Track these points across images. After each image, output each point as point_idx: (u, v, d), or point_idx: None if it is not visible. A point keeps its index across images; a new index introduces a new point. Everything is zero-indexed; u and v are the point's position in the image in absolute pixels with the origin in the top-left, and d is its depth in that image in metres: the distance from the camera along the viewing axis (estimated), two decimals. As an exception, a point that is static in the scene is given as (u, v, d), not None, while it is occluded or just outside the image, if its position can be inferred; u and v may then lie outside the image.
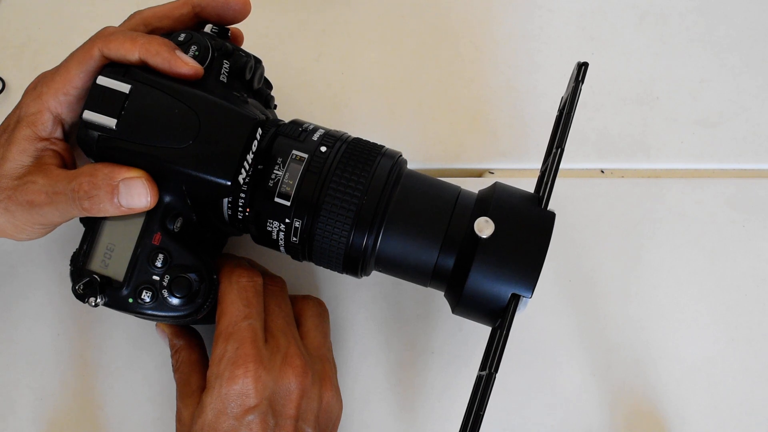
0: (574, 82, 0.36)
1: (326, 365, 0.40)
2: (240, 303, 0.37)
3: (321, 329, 0.42)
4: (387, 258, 0.38)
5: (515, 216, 0.36)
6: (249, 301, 0.38)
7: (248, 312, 0.37)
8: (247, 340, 0.36)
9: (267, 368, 0.36)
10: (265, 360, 0.36)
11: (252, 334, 0.37)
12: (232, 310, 0.37)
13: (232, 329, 0.37)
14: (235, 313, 0.37)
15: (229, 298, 0.38)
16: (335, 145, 0.38)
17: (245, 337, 0.36)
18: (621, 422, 0.44)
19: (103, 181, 0.34)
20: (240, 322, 0.37)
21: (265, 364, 0.36)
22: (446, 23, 0.55)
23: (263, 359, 0.36)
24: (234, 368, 0.35)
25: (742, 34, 0.55)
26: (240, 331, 0.37)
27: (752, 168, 0.52)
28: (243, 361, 0.36)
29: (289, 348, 0.38)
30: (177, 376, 0.40)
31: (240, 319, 0.37)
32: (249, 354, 0.36)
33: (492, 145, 0.52)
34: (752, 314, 0.47)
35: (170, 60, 0.35)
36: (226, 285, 0.38)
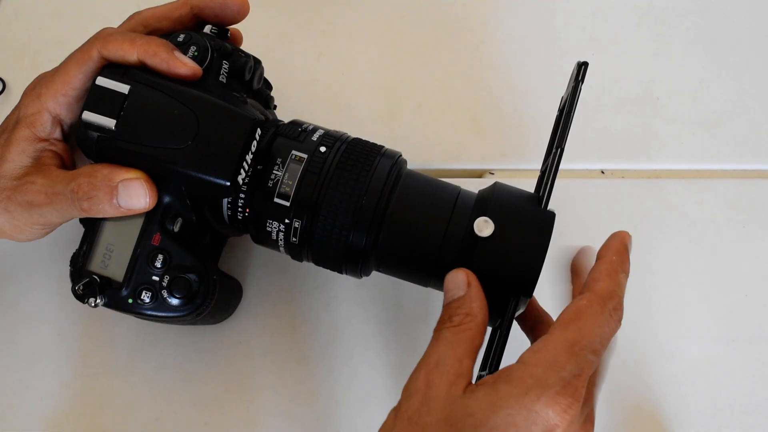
0: (574, 82, 0.36)
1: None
2: (602, 335, 0.31)
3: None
4: (387, 258, 0.38)
5: (515, 216, 0.35)
6: (605, 341, 0.32)
7: (600, 350, 0.31)
8: (584, 377, 0.30)
9: (578, 418, 0.31)
10: (578, 415, 0.31)
11: (589, 374, 0.31)
12: (592, 333, 0.31)
13: (579, 350, 0.30)
14: (592, 339, 0.31)
15: (598, 319, 0.31)
16: (335, 145, 0.38)
17: (585, 372, 0.30)
18: (621, 422, 0.44)
19: (102, 182, 0.34)
20: (589, 353, 0.31)
21: (579, 412, 0.31)
22: (446, 23, 0.55)
23: (579, 410, 0.30)
24: (561, 394, 0.29)
25: (742, 34, 0.55)
26: (586, 361, 0.30)
27: (752, 168, 0.52)
28: (573, 395, 0.30)
29: (592, 408, 0.33)
30: (449, 336, 0.33)
31: (592, 350, 0.31)
32: (578, 393, 0.30)
33: (492, 145, 0.51)
34: (752, 314, 0.47)
35: (168, 61, 0.35)
36: (599, 304, 0.32)
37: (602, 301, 0.32)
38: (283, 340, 0.46)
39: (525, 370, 0.30)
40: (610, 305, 0.32)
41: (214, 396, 0.44)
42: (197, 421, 0.44)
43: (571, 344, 0.31)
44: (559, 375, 0.30)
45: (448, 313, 0.34)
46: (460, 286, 0.35)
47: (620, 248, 0.35)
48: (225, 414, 0.44)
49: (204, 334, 0.46)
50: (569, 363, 0.30)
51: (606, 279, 0.33)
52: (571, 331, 0.31)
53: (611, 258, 0.34)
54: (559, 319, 0.32)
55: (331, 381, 0.44)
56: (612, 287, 0.33)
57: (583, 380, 0.30)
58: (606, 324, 0.32)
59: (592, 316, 0.32)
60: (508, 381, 0.30)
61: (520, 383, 0.30)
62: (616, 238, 0.36)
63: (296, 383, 0.45)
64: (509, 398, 0.30)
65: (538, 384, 0.30)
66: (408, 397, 0.32)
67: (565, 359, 0.30)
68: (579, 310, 0.32)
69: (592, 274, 0.34)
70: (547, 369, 0.30)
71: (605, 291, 0.32)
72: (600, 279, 0.33)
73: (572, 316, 0.32)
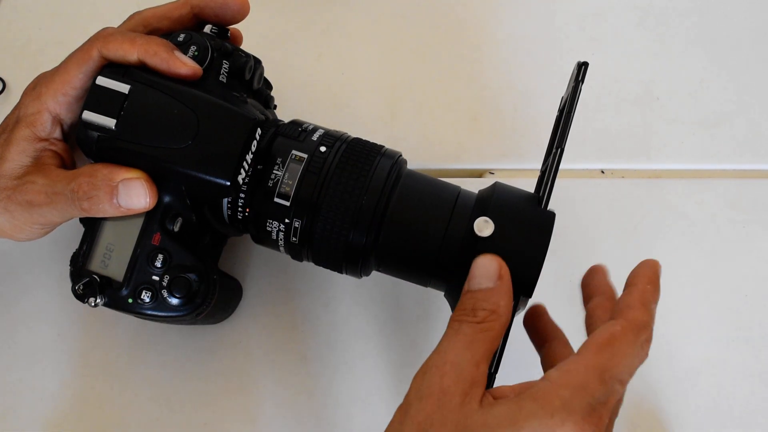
0: (575, 82, 0.36)
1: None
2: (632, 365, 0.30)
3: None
4: (387, 258, 0.38)
5: (515, 216, 0.35)
6: (632, 370, 0.31)
7: (627, 380, 0.30)
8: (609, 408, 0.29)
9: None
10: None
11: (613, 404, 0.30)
12: (624, 362, 0.30)
13: (608, 378, 0.29)
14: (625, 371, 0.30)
15: (629, 350, 0.30)
16: (335, 145, 0.38)
17: (611, 401, 0.29)
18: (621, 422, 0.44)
19: (102, 182, 0.34)
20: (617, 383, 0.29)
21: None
22: (446, 23, 0.55)
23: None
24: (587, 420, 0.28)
25: (742, 34, 0.55)
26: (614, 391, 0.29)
27: (752, 168, 0.52)
28: (598, 422, 0.28)
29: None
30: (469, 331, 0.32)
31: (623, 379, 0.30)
32: (603, 421, 0.29)
33: (492, 145, 0.51)
34: (753, 314, 0.47)
35: (169, 60, 0.35)
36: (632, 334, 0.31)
37: (636, 330, 0.31)
38: (283, 340, 0.46)
39: (552, 390, 0.29)
40: (643, 336, 0.31)
41: (214, 396, 0.44)
42: (197, 421, 0.44)
43: (602, 371, 0.29)
44: (587, 401, 0.28)
45: (471, 304, 0.32)
46: (490, 276, 0.33)
47: (653, 277, 0.34)
48: (225, 414, 0.44)
49: (204, 334, 0.46)
50: (598, 390, 0.29)
51: (641, 308, 0.32)
52: (603, 357, 0.30)
53: (645, 287, 0.33)
54: (591, 342, 0.31)
55: (330, 381, 0.44)
56: (647, 318, 0.32)
57: (608, 410, 0.29)
58: (637, 355, 0.30)
59: (626, 345, 0.30)
60: (534, 399, 0.29)
61: (547, 404, 0.28)
62: (648, 266, 0.34)
63: (296, 383, 0.45)
64: (533, 418, 0.28)
65: (565, 407, 0.28)
66: (419, 399, 0.30)
67: (595, 385, 0.29)
68: (613, 336, 0.30)
69: (626, 301, 0.32)
70: (575, 393, 0.29)
71: (640, 321, 0.31)
72: (634, 307, 0.32)
73: (605, 342, 0.30)
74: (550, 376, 0.30)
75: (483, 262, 0.33)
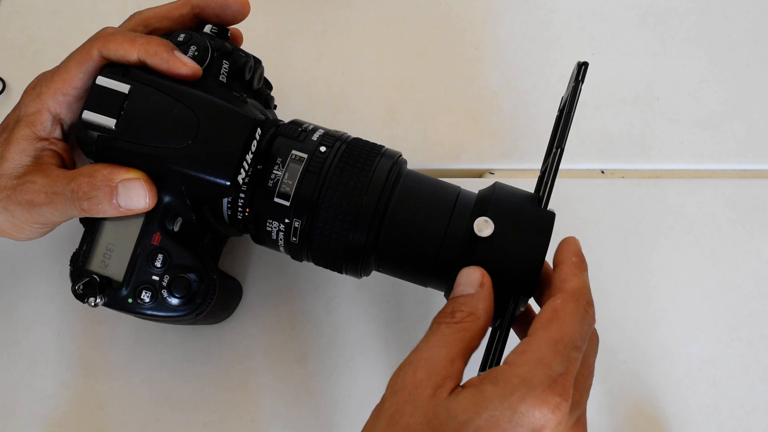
0: (575, 82, 0.36)
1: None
2: (581, 331, 0.31)
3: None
4: (387, 258, 0.38)
5: (515, 216, 0.35)
6: (584, 336, 0.32)
7: (581, 345, 0.31)
8: (570, 374, 0.30)
9: (567, 419, 0.30)
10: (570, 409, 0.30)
11: (574, 371, 0.30)
12: (572, 330, 0.31)
13: (563, 349, 0.30)
14: (573, 337, 0.31)
15: (573, 319, 0.32)
16: (335, 145, 0.38)
17: (570, 370, 0.30)
18: (621, 422, 0.44)
19: (102, 182, 0.34)
20: (572, 350, 0.31)
21: (569, 413, 0.30)
22: (446, 24, 0.55)
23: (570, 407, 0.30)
24: (549, 392, 0.29)
25: (742, 34, 0.55)
26: (570, 359, 0.30)
27: (752, 168, 0.52)
28: (561, 393, 0.29)
29: (583, 412, 0.33)
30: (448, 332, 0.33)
31: (574, 347, 0.31)
32: (566, 390, 0.29)
33: (492, 145, 0.51)
34: (752, 314, 0.47)
35: (169, 60, 0.35)
36: (572, 302, 0.32)
37: (575, 298, 0.32)
38: (283, 340, 0.46)
39: (510, 370, 0.30)
40: (583, 301, 0.33)
41: (214, 396, 0.44)
42: (197, 421, 0.44)
43: (555, 342, 0.30)
44: (546, 373, 0.29)
45: (451, 307, 0.34)
46: (472, 283, 0.34)
47: (576, 250, 0.36)
48: (225, 414, 0.44)
49: (204, 334, 0.46)
50: (555, 361, 0.30)
51: (573, 278, 0.34)
52: (552, 330, 0.31)
53: (572, 260, 0.35)
54: (538, 321, 0.32)
55: (330, 381, 0.44)
56: (581, 284, 0.33)
57: (570, 378, 0.30)
58: (583, 320, 0.32)
59: (569, 313, 0.32)
60: (494, 382, 0.30)
61: (506, 383, 0.29)
62: (569, 243, 0.36)
63: (296, 383, 0.45)
64: (493, 399, 0.29)
65: (524, 383, 0.29)
66: (393, 393, 0.32)
67: (550, 357, 0.30)
68: (555, 309, 0.32)
69: (558, 276, 0.34)
70: (532, 368, 0.30)
71: (576, 288, 0.33)
72: (567, 279, 0.34)
73: (550, 316, 0.32)
74: (508, 359, 0.31)
75: (466, 272, 0.34)
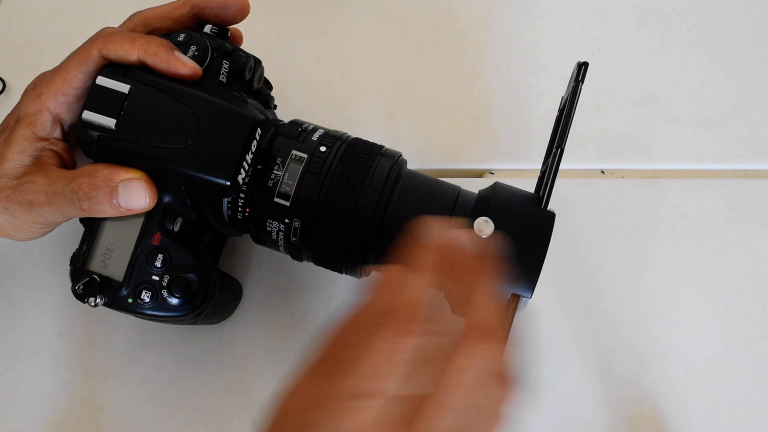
0: (575, 82, 0.36)
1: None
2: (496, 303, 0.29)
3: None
4: (387, 258, 0.38)
5: (515, 216, 0.35)
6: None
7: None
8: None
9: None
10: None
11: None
12: (488, 311, 0.29)
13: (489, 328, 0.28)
14: (489, 314, 0.29)
15: (489, 301, 0.29)
16: (335, 145, 0.38)
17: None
18: (621, 422, 0.44)
19: (102, 182, 0.34)
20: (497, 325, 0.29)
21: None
22: (446, 24, 0.55)
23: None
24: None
25: (742, 34, 0.55)
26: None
27: (752, 168, 0.52)
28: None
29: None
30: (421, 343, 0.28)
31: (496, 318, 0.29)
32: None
33: (492, 145, 0.51)
34: (752, 314, 0.47)
35: (169, 60, 0.35)
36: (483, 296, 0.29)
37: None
38: (283, 340, 0.46)
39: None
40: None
41: (214, 396, 0.44)
42: (197, 421, 0.44)
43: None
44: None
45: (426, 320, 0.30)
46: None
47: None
48: (225, 414, 0.44)
49: (204, 334, 0.46)
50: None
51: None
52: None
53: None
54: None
55: (331, 381, 0.44)
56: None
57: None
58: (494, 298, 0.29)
59: (481, 292, 0.29)
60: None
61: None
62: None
63: (296, 383, 0.45)
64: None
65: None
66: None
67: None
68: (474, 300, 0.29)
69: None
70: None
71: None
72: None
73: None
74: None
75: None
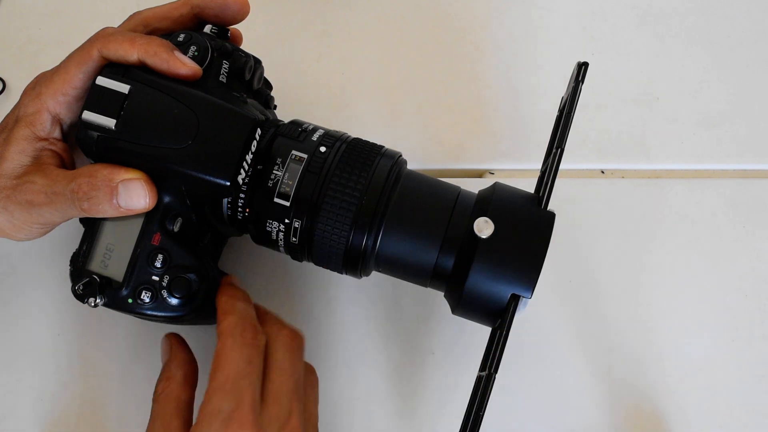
0: (575, 83, 0.36)
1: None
2: (241, 360, 0.34)
3: (316, 399, 0.39)
4: (387, 258, 0.38)
5: (515, 216, 0.35)
6: (251, 359, 0.35)
7: (249, 371, 0.34)
8: (246, 403, 0.33)
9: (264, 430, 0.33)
10: (262, 427, 0.33)
11: (251, 396, 0.33)
12: (231, 366, 0.34)
13: (230, 386, 0.33)
14: (236, 370, 0.34)
15: (230, 353, 0.34)
16: (335, 145, 0.38)
17: (244, 398, 0.33)
18: (621, 422, 0.44)
19: (102, 182, 0.34)
20: (240, 380, 0.34)
21: (266, 425, 0.33)
22: (446, 24, 0.55)
23: (260, 426, 0.33)
24: (226, 430, 0.32)
25: (742, 34, 0.55)
26: (239, 390, 0.33)
27: (752, 168, 0.52)
28: (238, 425, 0.32)
29: (290, 418, 0.35)
30: (156, 408, 0.36)
31: (240, 377, 0.34)
32: (246, 419, 0.32)
33: (492, 145, 0.51)
34: (752, 315, 0.47)
35: (169, 60, 0.35)
36: (228, 338, 0.35)
37: (231, 334, 0.35)
38: (283, 340, 0.46)
39: (197, 428, 0.33)
40: (238, 332, 0.35)
41: (214, 396, 0.44)
42: (197, 421, 0.44)
43: (221, 386, 0.33)
44: (219, 418, 0.32)
45: (156, 383, 0.38)
46: (165, 351, 0.39)
47: (228, 286, 0.39)
48: (225, 414, 0.44)
49: (204, 334, 0.45)
50: (223, 402, 0.33)
51: (225, 316, 0.36)
52: (216, 376, 0.34)
53: (223, 299, 0.38)
54: (210, 372, 0.35)
55: (330, 381, 0.44)
56: (234, 318, 0.36)
57: (247, 405, 0.33)
58: (242, 348, 0.34)
59: (227, 351, 0.34)
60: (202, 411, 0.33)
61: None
62: (223, 282, 0.39)
63: (296, 383, 0.45)
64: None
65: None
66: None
67: (219, 401, 0.33)
68: (216, 355, 0.35)
69: (218, 320, 0.37)
70: (210, 419, 0.33)
71: (228, 325, 0.35)
72: (221, 320, 0.36)
73: (214, 364, 0.34)
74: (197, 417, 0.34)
75: (161, 344, 0.39)
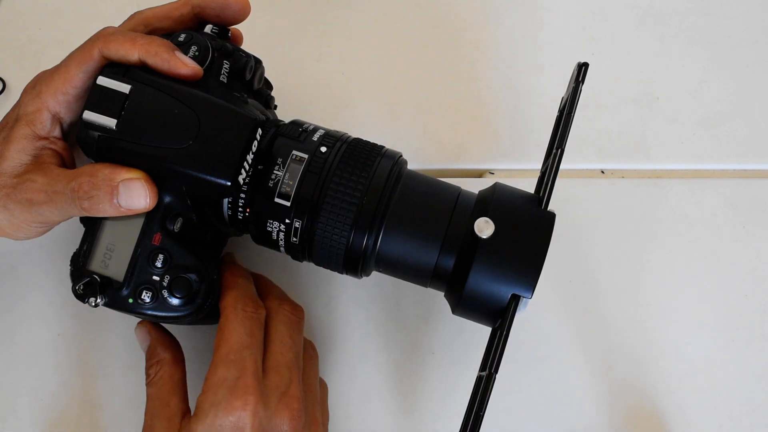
0: (575, 83, 0.36)
1: (316, 411, 0.39)
2: (243, 332, 0.36)
3: (316, 372, 0.41)
4: (387, 258, 0.38)
5: (515, 216, 0.36)
6: (252, 331, 0.37)
7: (251, 342, 0.36)
8: (249, 371, 0.35)
9: (265, 404, 0.35)
10: (265, 395, 0.35)
11: (254, 365, 0.35)
12: (234, 338, 0.36)
13: (234, 357, 0.35)
14: (238, 341, 0.36)
15: (233, 325, 0.36)
16: (335, 145, 0.38)
17: (247, 367, 0.35)
18: (621, 422, 0.44)
19: (103, 182, 0.34)
20: (243, 350, 0.36)
21: (264, 399, 0.35)
22: (446, 24, 0.55)
23: (263, 393, 0.35)
24: (232, 398, 0.34)
25: (742, 34, 0.55)
26: (242, 360, 0.35)
27: (752, 168, 0.52)
28: (243, 392, 0.34)
29: (290, 387, 0.36)
30: (152, 391, 0.38)
31: (243, 347, 0.36)
32: (250, 386, 0.34)
33: (492, 145, 0.51)
34: (752, 314, 0.47)
35: (169, 60, 0.35)
36: (231, 312, 0.37)
37: (232, 308, 0.37)
38: (284, 340, 0.46)
39: (203, 398, 0.35)
40: (240, 306, 0.37)
41: (215, 396, 0.44)
42: (197, 421, 0.44)
43: (224, 357, 0.35)
44: (225, 386, 0.34)
45: (146, 369, 0.39)
46: (144, 338, 0.40)
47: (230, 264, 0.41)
48: (225, 414, 0.44)
49: (204, 334, 0.46)
50: (228, 372, 0.35)
51: (227, 291, 0.38)
52: (220, 348, 0.36)
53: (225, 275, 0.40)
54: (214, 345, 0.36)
55: (330, 381, 0.44)
56: (234, 293, 0.38)
57: (250, 373, 0.35)
58: (243, 321, 0.37)
59: (229, 323, 0.36)
60: (196, 415, 0.35)
61: (201, 412, 0.34)
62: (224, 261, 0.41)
63: (296, 383, 0.45)
64: (198, 428, 0.34)
65: (213, 405, 0.34)
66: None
67: (224, 371, 0.35)
68: (220, 327, 0.37)
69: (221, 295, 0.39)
70: (215, 389, 0.34)
71: (230, 300, 0.38)
72: (223, 296, 0.38)
73: (217, 336, 0.36)
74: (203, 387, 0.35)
75: (136, 333, 0.41)
